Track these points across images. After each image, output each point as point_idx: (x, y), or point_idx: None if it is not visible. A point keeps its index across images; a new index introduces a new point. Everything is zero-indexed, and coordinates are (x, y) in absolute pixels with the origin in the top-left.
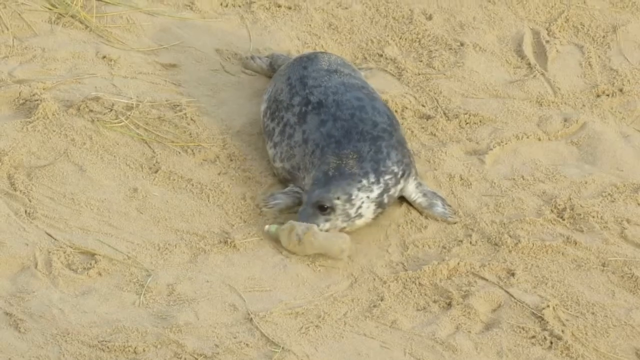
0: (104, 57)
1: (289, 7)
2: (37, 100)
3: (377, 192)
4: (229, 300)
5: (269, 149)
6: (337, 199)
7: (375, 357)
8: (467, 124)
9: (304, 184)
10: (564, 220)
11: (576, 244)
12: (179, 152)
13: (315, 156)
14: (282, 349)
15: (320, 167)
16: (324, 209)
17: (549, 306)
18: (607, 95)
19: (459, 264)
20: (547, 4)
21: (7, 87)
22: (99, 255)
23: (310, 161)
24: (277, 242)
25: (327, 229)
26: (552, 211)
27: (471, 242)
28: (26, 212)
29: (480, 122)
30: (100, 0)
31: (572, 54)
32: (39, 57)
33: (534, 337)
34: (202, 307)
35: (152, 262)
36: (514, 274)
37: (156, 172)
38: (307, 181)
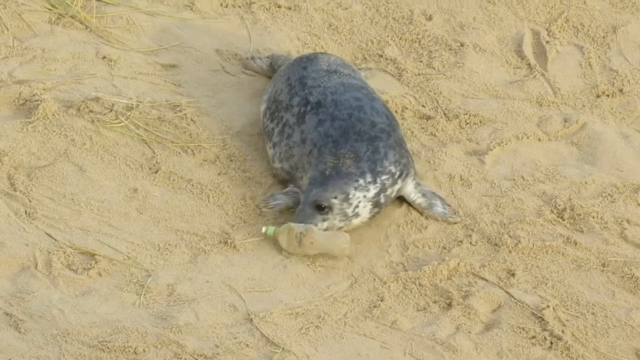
0: (104, 57)
1: (289, 8)
2: (37, 100)
3: (374, 192)
4: (229, 300)
5: (269, 150)
6: (335, 198)
7: (375, 358)
8: (467, 124)
9: (301, 184)
10: (564, 220)
11: (576, 244)
12: (179, 153)
13: (312, 156)
14: (282, 349)
15: (317, 167)
16: (321, 209)
17: (549, 306)
18: (607, 95)
19: (459, 264)
20: (547, 5)
21: (7, 87)
22: (99, 255)
23: (307, 161)
24: (276, 243)
25: (325, 229)
26: (552, 211)
27: (471, 243)
28: (26, 212)
29: (480, 122)
30: (100, 0)
31: (572, 55)
32: (39, 57)
33: (534, 337)
34: (202, 308)
35: (152, 262)
36: (514, 275)
37: (156, 172)
38: (304, 181)
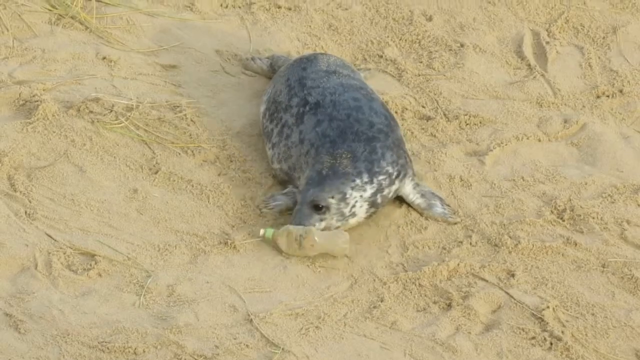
0: (104, 58)
1: (289, 8)
2: (37, 101)
3: (370, 192)
4: (229, 301)
5: (268, 150)
6: (332, 197)
7: (375, 358)
8: (467, 125)
9: (298, 184)
10: (564, 221)
11: (576, 245)
12: (179, 153)
13: (309, 156)
14: (282, 350)
15: (314, 167)
16: (319, 209)
17: (548, 307)
18: (607, 96)
19: (459, 265)
20: (547, 5)
21: (7, 88)
22: (99, 256)
23: (305, 161)
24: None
25: (323, 229)
26: (552, 212)
27: (471, 243)
28: (26, 213)
29: (480, 123)
30: (100, 1)
31: (572, 55)
32: (39, 58)
33: (533, 338)
34: (202, 308)
35: (152, 263)
36: (514, 275)
37: (156, 173)
38: (301, 181)
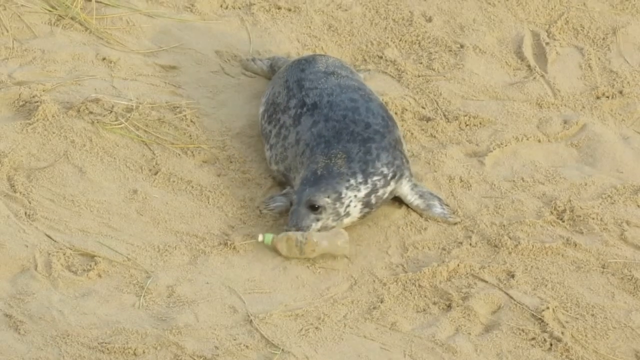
0: (104, 59)
1: (289, 9)
2: (37, 102)
3: (365, 192)
4: (229, 302)
5: (266, 152)
6: (328, 197)
7: (375, 359)
8: (467, 125)
9: (294, 184)
10: (563, 222)
11: (576, 245)
12: (179, 154)
13: (305, 156)
14: (282, 350)
15: (309, 167)
16: (315, 209)
17: (548, 308)
18: (607, 97)
19: (458, 265)
20: (547, 6)
21: (7, 88)
22: (99, 257)
23: (300, 161)
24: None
25: (319, 229)
26: (551, 213)
27: (471, 244)
28: (26, 213)
29: (480, 124)
30: (100, 2)
31: (572, 56)
32: (39, 59)
33: (533, 339)
34: (201, 309)
35: (152, 263)
36: (513, 276)
37: (156, 173)
38: (296, 181)
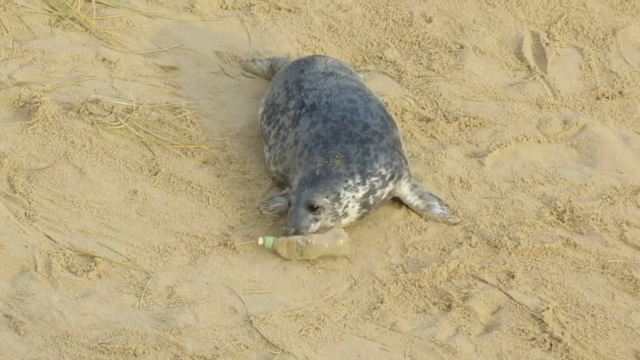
0: (104, 59)
1: (289, 10)
2: (37, 102)
3: (362, 193)
4: (229, 302)
5: (265, 153)
6: (326, 197)
7: None
8: (467, 126)
9: (292, 185)
10: (563, 222)
11: (576, 246)
12: (179, 155)
13: (303, 157)
14: (282, 351)
15: (307, 167)
16: (314, 209)
17: (548, 308)
18: (607, 97)
19: (458, 266)
20: (547, 7)
21: (7, 89)
22: (99, 257)
23: (298, 162)
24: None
25: (318, 229)
26: (551, 213)
27: (471, 245)
28: (26, 214)
29: (480, 124)
30: (99, 2)
31: (571, 57)
32: (39, 59)
33: (533, 339)
34: (201, 310)
35: (152, 264)
36: (513, 276)
37: (156, 174)
38: (294, 182)
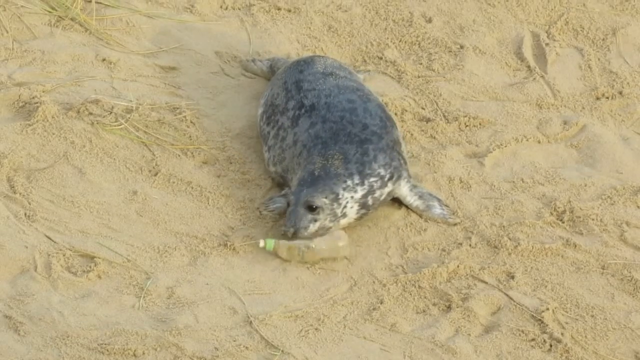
0: (104, 59)
1: (289, 10)
2: (37, 102)
3: (361, 194)
4: (229, 303)
5: (265, 153)
6: (325, 198)
7: None
8: (467, 126)
9: (291, 185)
10: (563, 222)
11: (576, 246)
12: (179, 155)
13: (302, 157)
14: (282, 352)
15: (306, 168)
16: (313, 209)
17: (548, 309)
18: (607, 97)
19: (458, 266)
20: (546, 7)
21: (6, 89)
22: (99, 258)
23: (297, 162)
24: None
25: (317, 229)
26: (551, 214)
27: (471, 245)
28: (26, 214)
29: (479, 124)
30: (99, 3)
31: (571, 57)
32: (39, 59)
33: (533, 340)
34: (201, 310)
35: (152, 264)
36: (513, 277)
37: (156, 174)
38: (293, 182)
